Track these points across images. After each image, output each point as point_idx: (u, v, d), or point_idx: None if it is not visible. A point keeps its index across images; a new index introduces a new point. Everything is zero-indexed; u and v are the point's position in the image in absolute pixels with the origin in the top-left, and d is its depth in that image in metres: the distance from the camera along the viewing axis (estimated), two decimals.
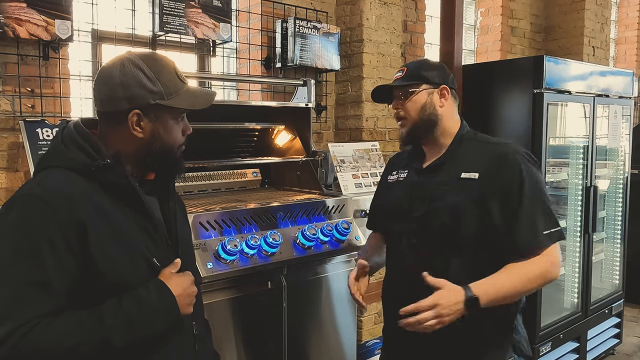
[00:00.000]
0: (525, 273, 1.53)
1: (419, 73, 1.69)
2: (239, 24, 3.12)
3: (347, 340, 2.47)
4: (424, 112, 1.67)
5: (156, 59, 1.26)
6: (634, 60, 6.39)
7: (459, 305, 1.43)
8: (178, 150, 1.30)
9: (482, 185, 1.58)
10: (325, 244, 2.24)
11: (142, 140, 1.24)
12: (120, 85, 1.21)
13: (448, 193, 1.62)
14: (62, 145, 1.21)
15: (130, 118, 1.22)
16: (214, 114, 2.55)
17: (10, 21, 2.11)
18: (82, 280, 1.12)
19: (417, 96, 1.67)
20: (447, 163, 1.68)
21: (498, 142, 1.70)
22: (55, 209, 1.10)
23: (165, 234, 1.30)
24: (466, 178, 1.61)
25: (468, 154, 1.66)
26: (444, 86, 1.69)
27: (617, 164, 4.02)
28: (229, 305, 2.04)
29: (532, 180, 1.58)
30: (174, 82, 1.25)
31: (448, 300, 1.42)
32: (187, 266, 1.34)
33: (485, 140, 1.71)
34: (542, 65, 3.08)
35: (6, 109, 2.26)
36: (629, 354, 4.00)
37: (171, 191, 1.37)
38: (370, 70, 3.29)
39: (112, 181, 1.19)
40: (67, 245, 1.09)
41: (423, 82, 1.68)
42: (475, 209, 1.57)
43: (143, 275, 1.20)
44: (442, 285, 1.45)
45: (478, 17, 4.90)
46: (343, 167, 2.77)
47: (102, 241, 1.13)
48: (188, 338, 1.32)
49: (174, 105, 1.24)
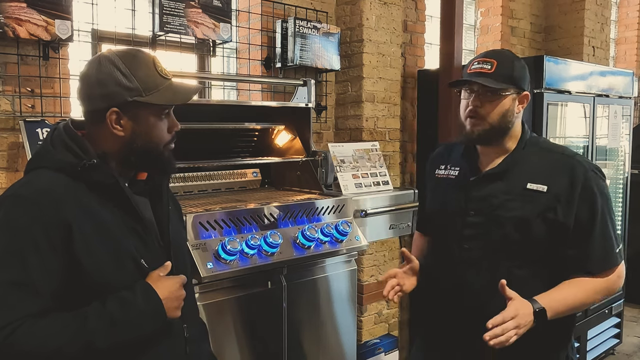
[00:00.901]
0: (593, 286, 1.50)
1: (511, 74, 1.55)
2: (239, 24, 3.12)
3: (347, 340, 2.47)
4: (504, 118, 1.56)
5: (134, 55, 1.24)
6: (634, 60, 6.39)
7: (531, 317, 1.41)
8: (165, 148, 1.28)
9: (552, 199, 1.51)
10: (325, 244, 2.24)
11: (123, 139, 1.23)
12: (96, 83, 1.20)
13: (513, 203, 1.55)
14: (50, 146, 1.21)
15: (109, 116, 1.20)
16: (214, 114, 2.56)
17: (10, 21, 2.11)
18: (68, 282, 1.11)
19: (504, 100, 1.55)
20: (511, 170, 1.59)
21: (564, 152, 1.61)
22: (41, 209, 1.09)
23: (157, 235, 1.29)
24: (533, 190, 1.53)
25: (533, 163, 1.58)
26: (526, 93, 1.61)
27: (617, 164, 4.02)
28: (229, 305, 2.04)
29: (604, 199, 1.53)
30: (153, 77, 1.23)
31: (524, 310, 1.40)
32: (179, 268, 1.32)
33: (550, 149, 1.63)
34: (542, 65, 3.08)
35: (6, 109, 2.26)
36: (629, 354, 4.00)
37: (164, 191, 1.35)
38: (370, 70, 3.29)
39: (98, 181, 1.18)
40: (52, 246, 1.09)
41: (513, 86, 1.56)
42: (542, 223, 1.51)
43: (130, 277, 1.18)
44: (515, 296, 1.42)
45: (478, 17, 4.90)
46: (343, 167, 2.77)
47: (87, 241, 1.12)
48: (179, 341, 1.30)
49: (152, 102, 1.22)
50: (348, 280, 2.44)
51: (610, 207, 1.55)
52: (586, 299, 1.50)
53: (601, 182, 1.55)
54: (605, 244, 1.51)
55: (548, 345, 1.58)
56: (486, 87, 1.52)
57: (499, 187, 1.58)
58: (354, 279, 2.47)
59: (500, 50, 1.64)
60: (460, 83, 1.60)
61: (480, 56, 1.60)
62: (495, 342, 1.35)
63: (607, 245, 1.51)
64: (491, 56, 1.57)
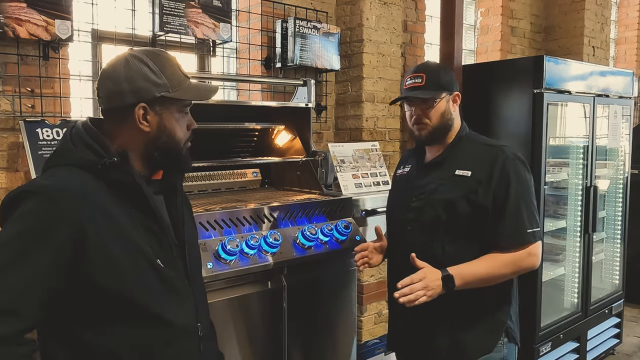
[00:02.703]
0: (501, 260, 1.71)
1: (439, 82, 1.82)
2: (239, 24, 3.12)
3: (347, 340, 2.47)
4: (444, 118, 1.83)
5: (159, 54, 1.27)
6: (634, 60, 6.38)
7: (439, 282, 1.64)
8: (184, 146, 1.31)
9: (474, 183, 1.74)
10: (325, 244, 2.24)
11: (149, 135, 1.24)
12: (125, 79, 1.21)
13: (444, 187, 1.79)
14: (70, 144, 1.21)
15: (137, 112, 1.22)
16: (214, 114, 2.56)
17: (10, 21, 2.11)
18: (78, 281, 1.10)
19: (440, 104, 1.82)
20: (446, 160, 1.84)
21: (492, 143, 1.85)
22: (58, 206, 1.09)
23: (172, 234, 1.29)
24: (460, 175, 1.78)
25: (464, 153, 1.83)
26: (457, 93, 1.87)
27: (617, 164, 4.02)
28: (229, 305, 2.04)
29: (520, 183, 1.73)
30: (177, 75, 1.26)
31: (432, 275, 1.64)
32: (193, 267, 1.33)
33: (480, 141, 1.87)
34: (542, 65, 3.08)
35: (6, 109, 2.26)
36: (629, 354, 4.00)
37: (179, 190, 1.36)
38: (370, 70, 3.29)
39: (118, 179, 1.18)
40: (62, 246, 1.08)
41: (443, 91, 1.82)
42: (466, 204, 1.74)
43: (145, 276, 1.18)
44: (424, 265, 1.67)
45: (478, 17, 4.90)
46: (343, 167, 2.77)
47: (102, 240, 1.12)
48: (194, 339, 1.31)
49: (179, 97, 1.25)
50: (348, 280, 2.44)
51: (527, 191, 1.74)
52: (494, 271, 1.70)
53: (520, 168, 1.75)
54: (516, 222, 1.71)
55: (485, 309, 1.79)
56: (421, 98, 1.80)
57: (435, 175, 1.85)
58: (353, 279, 2.47)
59: (426, 63, 1.93)
60: (400, 99, 1.90)
61: (411, 72, 1.87)
62: (404, 300, 1.60)
63: (519, 224, 1.71)
64: (420, 70, 1.85)
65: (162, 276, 1.22)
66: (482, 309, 1.79)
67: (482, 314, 1.79)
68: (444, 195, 1.78)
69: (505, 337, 1.80)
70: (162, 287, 1.21)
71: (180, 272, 1.28)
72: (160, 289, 1.21)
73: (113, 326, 1.16)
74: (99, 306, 1.13)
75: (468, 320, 1.79)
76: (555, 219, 3.57)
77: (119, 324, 1.16)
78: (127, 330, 1.17)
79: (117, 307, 1.15)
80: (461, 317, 1.78)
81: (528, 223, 1.71)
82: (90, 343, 1.15)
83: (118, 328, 1.16)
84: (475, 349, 1.79)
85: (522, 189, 1.73)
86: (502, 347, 1.80)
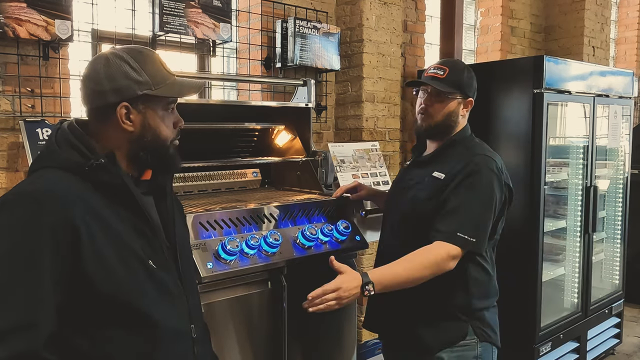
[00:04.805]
0: (421, 262, 1.67)
1: (459, 81, 1.80)
2: (239, 24, 3.12)
3: (347, 340, 2.47)
4: (449, 117, 1.82)
5: (141, 51, 1.25)
6: (634, 60, 6.39)
7: (356, 290, 1.61)
8: (171, 144, 1.28)
9: (443, 185, 1.75)
10: (325, 244, 2.24)
11: (133, 134, 1.22)
12: (105, 78, 1.20)
13: (418, 185, 1.83)
14: (55, 146, 1.19)
15: (119, 111, 1.20)
16: (214, 114, 2.56)
17: (10, 21, 2.11)
18: (72, 286, 1.08)
19: (451, 103, 1.80)
20: (432, 161, 1.86)
21: (477, 151, 1.82)
22: (46, 209, 1.06)
23: (163, 236, 1.27)
24: (435, 177, 1.79)
25: (449, 157, 1.82)
26: (471, 99, 1.85)
27: (617, 164, 4.02)
28: (229, 305, 2.04)
29: (474, 188, 1.71)
30: (160, 72, 1.24)
31: (349, 284, 1.60)
32: (185, 269, 1.32)
33: (468, 147, 1.84)
34: (542, 65, 3.08)
35: (6, 109, 2.26)
36: (629, 354, 4.00)
37: (168, 191, 1.35)
38: (370, 70, 3.29)
39: (105, 181, 1.17)
40: (58, 249, 1.06)
41: (459, 92, 1.80)
42: (428, 202, 1.76)
43: (138, 278, 1.16)
44: (344, 270, 1.65)
45: (478, 17, 4.90)
46: (343, 167, 2.77)
47: (94, 243, 1.10)
48: (187, 342, 1.29)
49: (161, 94, 1.23)
50: None
51: (477, 201, 1.71)
52: (415, 273, 1.66)
53: (483, 179, 1.72)
54: (450, 222, 1.70)
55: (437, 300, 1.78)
56: (436, 89, 1.79)
57: (419, 173, 1.87)
58: None
59: (455, 60, 1.93)
60: (417, 84, 1.88)
61: (437, 63, 1.85)
62: (313, 310, 1.61)
63: (452, 224, 1.69)
64: (445, 64, 1.84)
65: (155, 278, 1.19)
66: (434, 299, 1.78)
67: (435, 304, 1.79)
68: (413, 192, 1.83)
69: (475, 336, 1.78)
70: (155, 289, 1.19)
71: (173, 273, 1.27)
72: (153, 290, 1.19)
73: (107, 330, 1.13)
74: (93, 311, 1.11)
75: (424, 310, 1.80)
76: (555, 219, 3.57)
77: (113, 328, 1.14)
78: (121, 333, 1.14)
79: (112, 310, 1.13)
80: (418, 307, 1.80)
81: (461, 228, 1.68)
82: (84, 348, 1.12)
83: (112, 332, 1.14)
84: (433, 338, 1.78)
85: (472, 197, 1.71)
86: (474, 345, 1.78)
